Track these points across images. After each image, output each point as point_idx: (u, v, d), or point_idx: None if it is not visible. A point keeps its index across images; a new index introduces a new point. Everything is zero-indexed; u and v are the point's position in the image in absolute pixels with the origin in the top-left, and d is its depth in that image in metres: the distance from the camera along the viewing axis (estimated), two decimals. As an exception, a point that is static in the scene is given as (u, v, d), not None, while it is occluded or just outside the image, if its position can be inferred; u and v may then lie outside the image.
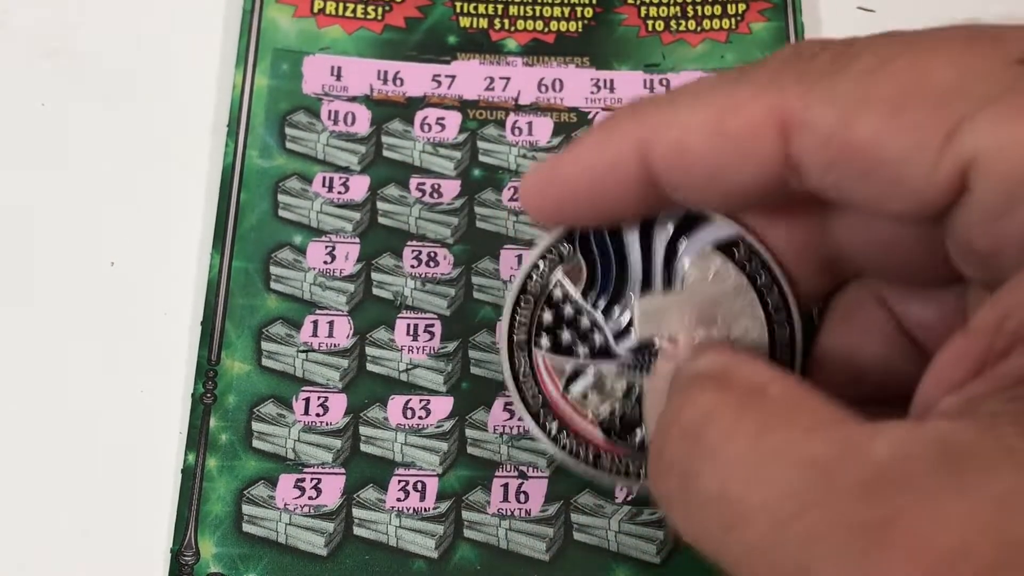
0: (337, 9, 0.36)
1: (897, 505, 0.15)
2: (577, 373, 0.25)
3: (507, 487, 0.30)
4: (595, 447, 0.25)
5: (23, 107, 0.34)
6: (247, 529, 0.29)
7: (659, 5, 0.36)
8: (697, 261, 0.24)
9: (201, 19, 0.36)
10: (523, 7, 0.36)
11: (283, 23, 0.35)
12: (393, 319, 0.31)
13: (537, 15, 0.36)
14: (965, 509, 0.14)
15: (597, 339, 0.25)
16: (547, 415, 0.25)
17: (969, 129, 0.17)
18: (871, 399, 0.19)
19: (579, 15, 0.36)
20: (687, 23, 0.36)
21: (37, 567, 0.29)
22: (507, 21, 0.36)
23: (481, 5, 0.36)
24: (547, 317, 0.25)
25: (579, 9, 0.36)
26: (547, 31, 0.36)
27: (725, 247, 0.24)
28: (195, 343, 0.31)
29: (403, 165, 0.34)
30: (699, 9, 0.36)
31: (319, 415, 0.30)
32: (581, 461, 0.25)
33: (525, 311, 0.25)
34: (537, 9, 0.36)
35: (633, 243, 0.24)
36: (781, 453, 0.17)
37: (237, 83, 0.34)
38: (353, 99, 0.34)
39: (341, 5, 0.36)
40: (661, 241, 0.24)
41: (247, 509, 0.29)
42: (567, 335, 0.25)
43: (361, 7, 0.36)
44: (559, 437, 0.25)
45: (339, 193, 0.33)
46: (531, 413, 0.25)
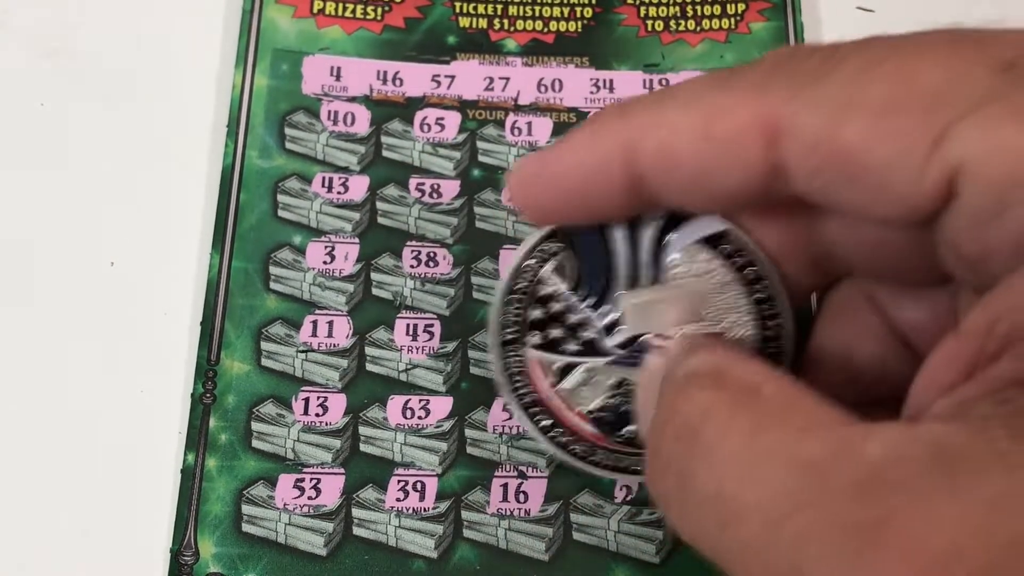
0: (337, 9, 0.36)
1: (890, 506, 0.15)
2: (568, 369, 0.25)
3: (506, 487, 0.30)
4: (588, 442, 0.25)
5: (23, 107, 0.34)
6: (246, 529, 0.29)
7: (658, 5, 0.36)
8: (685, 256, 0.24)
9: (201, 19, 0.36)
10: (523, 7, 0.36)
11: (283, 23, 0.35)
12: (392, 319, 0.31)
13: (537, 15, 0.36)
14: (957, 511, 0.14)
15: (587, 335, 0.25)
16: (539, 412, 0.25)
17: (956, 135, 0.17)
18: (864, 398, 0.19)
19: (578, 15, 0.36)
20: (686, 23, 0.36)
21: (37, 567, 0.29)
22: (507, 21, 0.36)
23: (481, 5, 0.36)
24: (536, 314, 0.25)
25: (578, 9, 0.36)
26: (546, 31, 0.36)
27: (713, 241, 0.24)
28: (195, 343, 0.31)
29: (403, 165, 0.34)
30: (698, 9, 0.36)
31: (318, 415, 0.30)
32: (575, 456, 0.25)
33: (515, 309, 0.25)
34: (536, 9, 0.36)
35: (621, 239, 0.24)
36: (775, 453, 0.17)
37: (237, 83, 0.34)
38: (353, 99, 0.34)
39: (341, 5, 0.36)
40: (649, 236, 0.24)
41: (246, 509, 0.29)
42: (557, 332, 0.25)
43: (361, 7, 0.36)
44: (552, 433, 0.25)
45: (338, 193, 0.33)
46: (524, 410, 0.25)
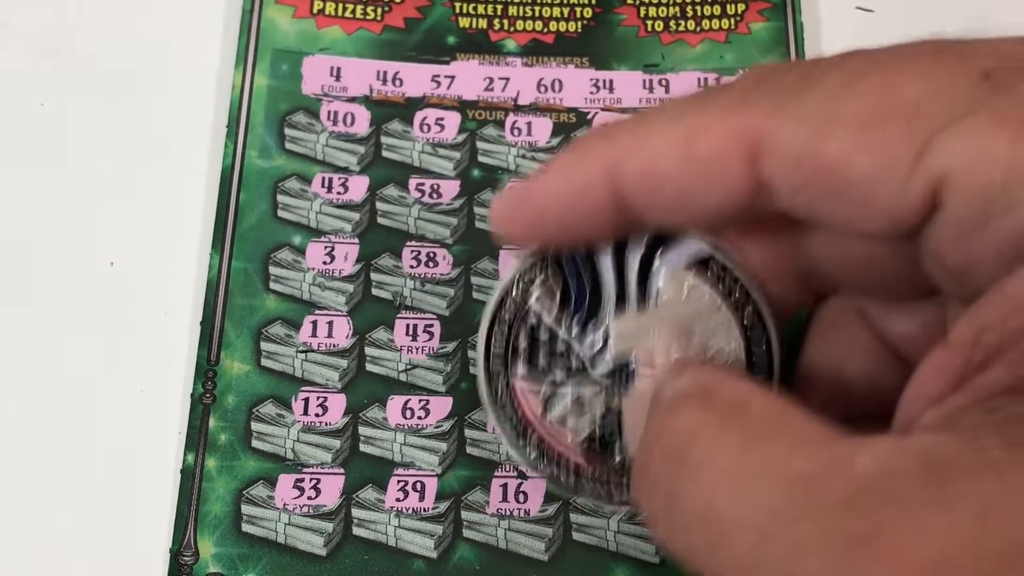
0: (336, 10, 0.36)
1: (880, 518, 0.15)
2: (555, 395, 0.25)
3: (506, 487, 0.30)
4: (576, 469, 0.24)
5: (23, 107, 0.34)
6: (246, 529, 0.29)
7: (658, 5, 0.36)
8: (671, 279, 0.24)
9: (201, 19, 0.36)
10: (522, 7, 0.36)
11: (283, 23, 0.35)
12: (392, 319, 0.31)
13: (536, 15, 0.36)
14: (947, 521, 0.14)
15: (573, 361, 0.24)
16: (527, 439, 0.25)
17: (939, 146, 0.17)
18: (856, 413, 0.19)
19: (578, 15, 0.36)
20: (686, 23, 0.36)
21: (37, 567, 0.29)
22: (506, 21, 0.36)
23: (480, 5, 0.36)
24: (522, 341, 0.25)
25: (578, 9, 0.36)
26: (546, 31, 0.36)
27: (699, 264, 0.24)
28: (194, 343, 0.31)
29: (402, 165, 0.34)
30: (698, 9, 0.36)
31: (318, 415, 0.30)
32: (564, 485, 0.25)
33: (500, 335, 0.25)
34: (536, 9, 0.36)
35: (607, 263, 0.24)
36: (765, 469, 0.17)
37: (237, 83, 0.34)
38: (352, 99, 0.34)
39: (340, 6, 0.36)
40: (635, 260, 0.24)
41: (246, 509, 0.29)
42: (543, 358, 0.25)
43: (360, 8, 0.36)
44: (539, 461, 0.25)
45: (338, 193, 0.33)
46: (511, 440, 0.25)
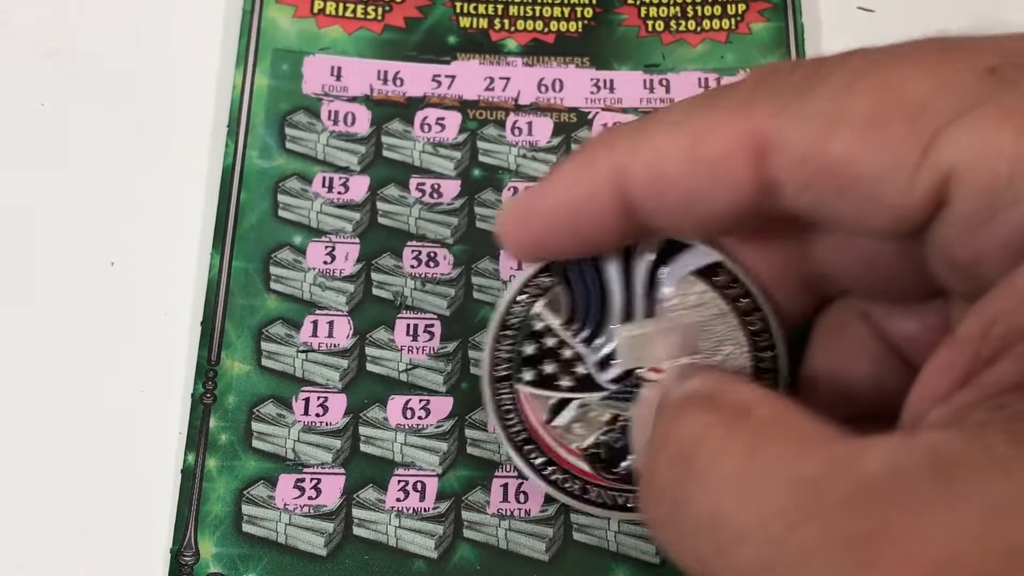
0: (337, 9, 0.36)
1: (887, 518, 0.15)
2: (561, 405, 0.24)
3: (507, 487, 0.30)
4: (582, 479, 0.24)
5: (23, 107, 0.34)
6: (247, 529, 0.29)
7: (659, 5, 0.36)
8: (678, 288, 0.24)
9: (201, 19, 0.36)
10: (523, 7, 0.36)
11: (283, 23, 0.35)
12: (393, 319, 0.31)
13: (537, 15, 0.36)
14: (954, 520, 0.14)
15: (580, 370, 0.24)
16: (532, 449, 0.25)
17: (945, 142, 0.17)
18: (861, 416, 0.19)
19: (579, 15, 0.36)
20: (687, 23, 0.36)
21: (37, 567, 0.29)
22: (507, 21, 0.36)
23: (481, 5, 0.36)
24: (529, 350, 0.25)
25: (579, 9, 0.36)
26: (547, 31, 0.36)
27: (706, 272, 0.24)
28: (195, 343, 0.31)
29: (403, 165, 0.34)
30: (699, 9, 0.36)
31: (319, 415, 0.30)
32: (569, 495, 0.24)
33: (507, 345, 0.25)
34: (537, 9, 0.36)
35: (613, 272, 0.24)
36: (772, 472, 0.17)
37: (237, 83, 0.34)
38: (353, 99, 0.34)
39: (341, 5, 0.36)
40: (641, 269, 0.24)
41: (247, 509, 0.29)
42: (550, 367, 0.25)
43: (361, 7, 0.36)
44: (545, 471, 0.24)
45: (339, 193, 0.33)
46: (516, 448, 0.25)
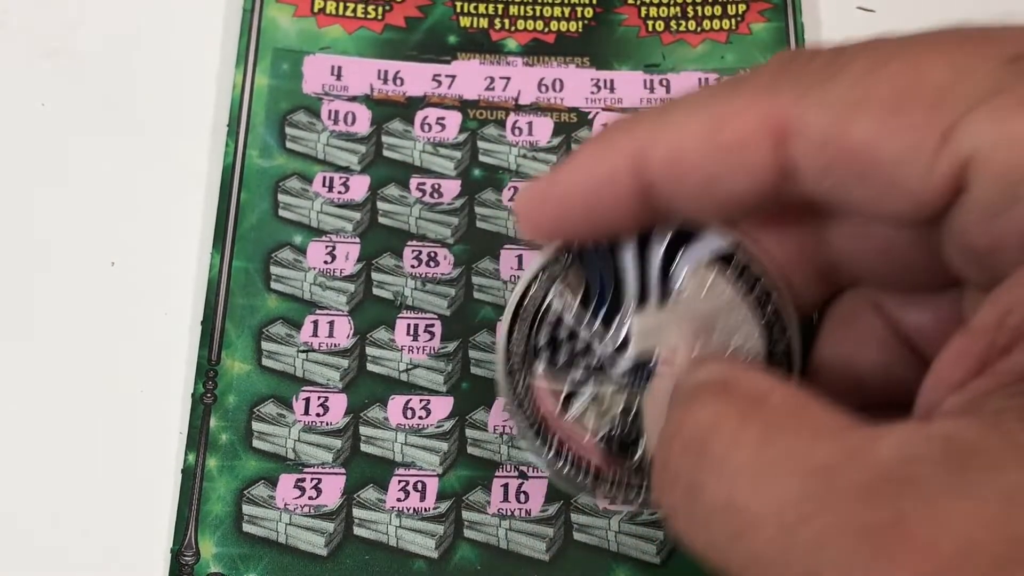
0: (337, 9, 0.36)
1: (903, 506, 0.15)
2: (575, 391, 0.24)
3: (507, 487, 0.30)
4: (595, 466, 0.24)
5: (23, 107, 0.34)
6: (247, 529, 0.29)
7: (659, 5, 0.36)
8: (693, 275, 0.24)
9: (201, 19, 0.36)
10: (523, 7, 0.36)
11: (283, 23, 0.35)
12: (393, 319, 0.31)
13: (537, 15, 0.36)
14: (971, 507, 0.14)
15: (594, 357, 0.24)
16: (546, 435, 0.25)
17: (965, 128, 0.17)
18: (871, 406, 0.19)
19: (579, 15, 0.36)
20: (687, 23, 0.36)
21: (37, 567, 0.29)
22: (507, 21, 0.36)
23: (481, 5, 0.36)
24: (544, 336, 0.25)
25: (579, 9, 0.36)
26: (547, 31, 0.36)
27: (721, 260, 0.24)
28: (195, 343, 0.31)
29: (403, 165, 0.34)
30: (699, 9, 0.36)
31: (319, 415, 0.30)
32: (581, 481, 0.24)
33: (521, 330, 0.25)
34: (537, 9, 0.36)
35: (629, 259, 0.24)
36: (786, 460, 0.17)
37: (237, 83, 0.34)
38: (353, 99, 0.34)
39: (341, 5, 0.36)
40: (656, 256, 0.24)
41: (247, 509, 0.29)
42: (564, 353, 0.25)
43: (361, 7, 0.36)
44: (558, 457, 0.24)
45: (339, 193, 0.33)
46: (528, 436, 0.25)
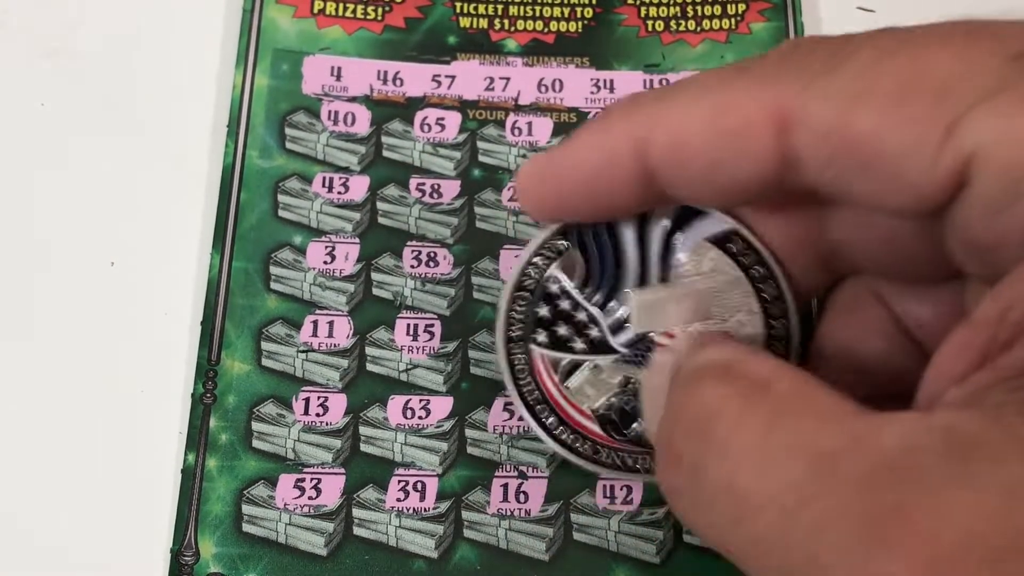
0: (337, 9, 0.36)
1: (904, 495, 0.15)
2: (574, 367, 0.25)
3: (507, 487, 0.30)
4: (593, 441, 0.25)
5: (23, 107, 0.34)
6: (247, 529, 0.29)
7: (659, 5, 0.36)
8: (693, 254, 0.24)
9: (201, 19, 0.36)
10: (523, 7, 0.36)
11: (283, 23, 0.35)
12: (393, 319, 0.31)
13: (537, 15, 0.36)
14: (971, 498, 0.14)
15: (594, 334, 0.25)
16: (545, 410, 0.25)
17: (969, 123, 0.17)
18: (870, 394, 0.19)
19: (579, 15, 0.36)
20: (687, 23, 0.36)
21: (37, 567, 0.29)
22: (507, 21, 0.36)
23: (481, 5, 0.36)
24: (544, 312, 0.25)
25: (579, 9, 0.36)
26: (547, 31, 0.36)
27: (721, 240, 0.24)
28: (195, 343, 0.31)
29: (403, 165, 0.34)
30: (699, 9, 0.36)
31: (319, 415, 0.30)
32: (579, 455, 0.25)
33: (521, 307, 0.25)
34: (537, 9, 0.36)
35: (629, 237, 0.24)
36: (790, 445, 0.17)
37: (237, 83, 0.34)
38: (353, 99, 0.34)
39: (341, 5, 0.36)
40: (657, 235, 0.24)
41: (247, 509, 0.29)
42: (564, 330, 0.25)
43: (361, 7, 0.36)
44: (557, 432, 0.25)
45: (339, 193, 0.33)
46: (529, 408, 0.25)
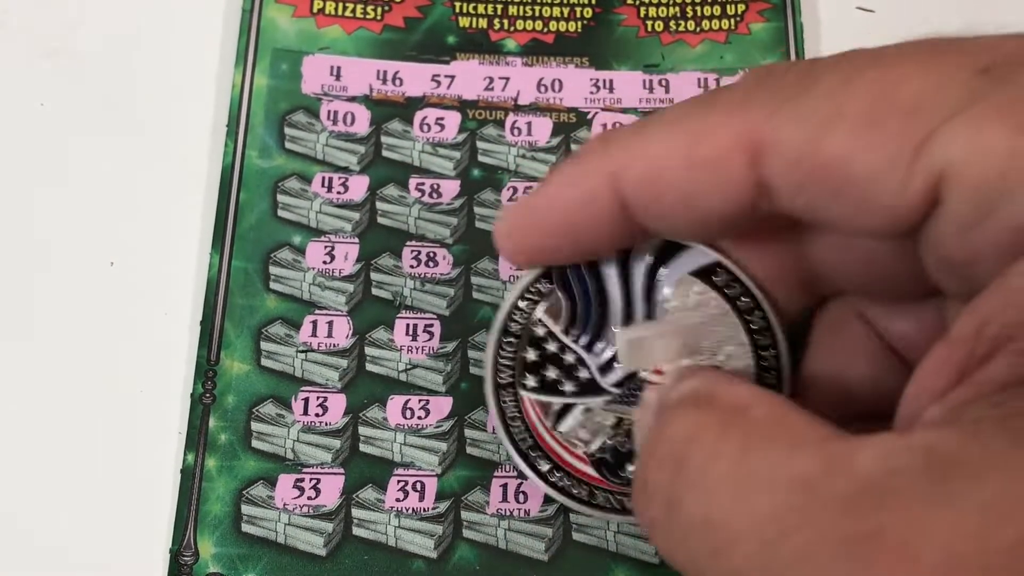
0: (336, 9, 0.36)
1: (883, 518, 0.15)
2: (565, 410, 0.24)
3: (506, 487, 0.30)
4: (589, 484, 0.24)
5: (23, 107, 0.34)
6: (246, 529, 0.29)
7: (658, 5, 0.36)
8: (677, 289, 0.24)
9: (201, 19, 0.36)
10: (522, 7, 0.36)
11: (282, 23, 0.35)
12: (392, 319, 0.31)
13: (536, 15, 0.36)
14: (952, 518, 0.14)
15: (583, 375, 0.24)
16: (538, 455, 0.25)
17: (938, 141, 0.17)
18: (860, 416, 0.19)
19: (578, 15, 0.36)
20: (686, 23, 0.36)
21: (37, 567, 0.29)
22: (506, 21, 0.36)
23: (480, 5, 0.36)
24: (531, 356, 0.25)
25: (578, 9, 0.36)
26: (546, 31, 0.36)
27: (704, 273, 0.24)
28: (194, 343, 0.31)
29: (402, 165, 0.34)
30: (698, 9, 0.36)
31: (318, 415, 0.30)
32: (575, 500, 0.24)
33: (508, 351, 0.25)
34: (536, 9, 0.36)
35: (612, 276, 0.24)
36: (765, 473, 0.16)
37: (236, 83, 0.34)
38: (352, 99, 0.34)
39: (340, 5, 0.36)
40: (640, 272, 0.24)
41: (246, 509, 0.29)
42: (552, 373, 0.25)
43: (360, 7, 0.36)
44: (551, 476, 0.24)
45: (338, 193, 0.33)
46: (521, 454, 0.25)
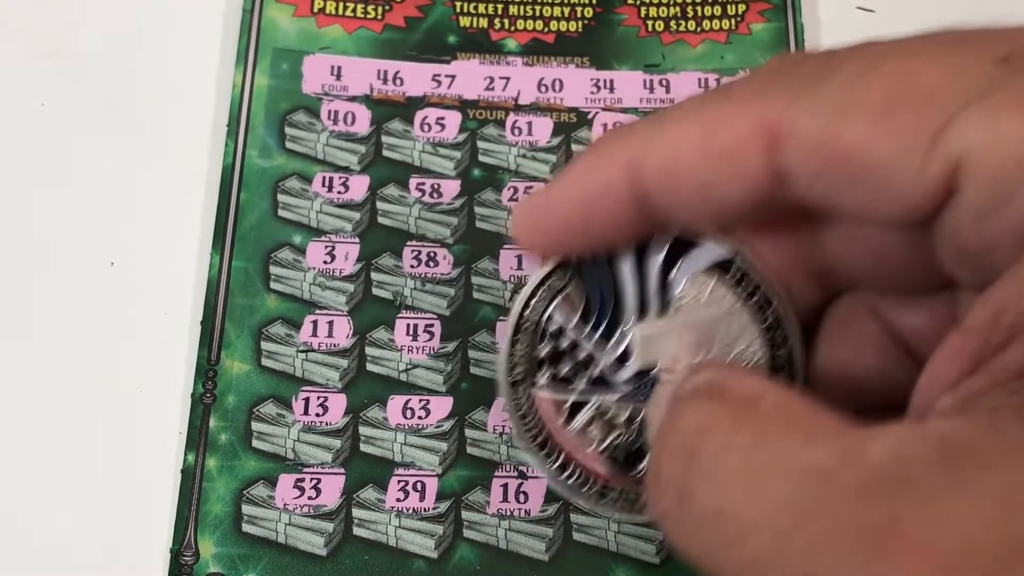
0: (337, 9, 0.36)
1: (899, 507, 0.15)
2: (579, 405, 0.24)
3: (507, 487, 0.30)
4: (602, 479, 0.24)
5: (23, 107, 0.34)
6: (247, 529, 0.29)
7: (659, 5, 0.36)
8: (692, 284, 0.24)
9: (201, 19, 0.36)
10: (523, 7, 0.36)
11: (283, 22, 0.35)
12: (393, 319, 0.31)
13: (537, 15, 0.36)
14: (967, 507, 0.14)
15: (596, 370, 0.24)
16: (551, 450, 0.25)
17: (955, 129, 0.17)
18: (870, 410, 0.19)
19: (579, 15, 0.36)
20: (687, 23, 0.36)
21: (37, 567, 0.29)
22: (507, 21, 0.36)
23: (481, 5, 0.36)
24: (545, 351, 0.25)
25: (579, 9, 0.36)
26: (547, 31, 0.36)
27: (719, 268, 0.24)
28: (195, 343, 0.31)
29: (403, 165, 0.34)
30: (699, 10, 0.36)
31: (319, 415, 0.30)
32: (588, 495, 0.24)
33: (522, 346, 0.25)
34: (537, 9, 0.36)
35: (627, 271, 0.24)
36: (778, 464, 0.16)
37: (237, 83, 0.34)
38: (353, 99, 0.34)
39: (341, 5, 0.36)
40: (654, 267, 0.24)
41: (247, 509, 0.29)
42: (566, 368, 0.24)
43: (361, 7, 0.36)
44: (565, 472, 0.24)
45: (339, 193, 0.33)
46: (535, 450, 0.25)
